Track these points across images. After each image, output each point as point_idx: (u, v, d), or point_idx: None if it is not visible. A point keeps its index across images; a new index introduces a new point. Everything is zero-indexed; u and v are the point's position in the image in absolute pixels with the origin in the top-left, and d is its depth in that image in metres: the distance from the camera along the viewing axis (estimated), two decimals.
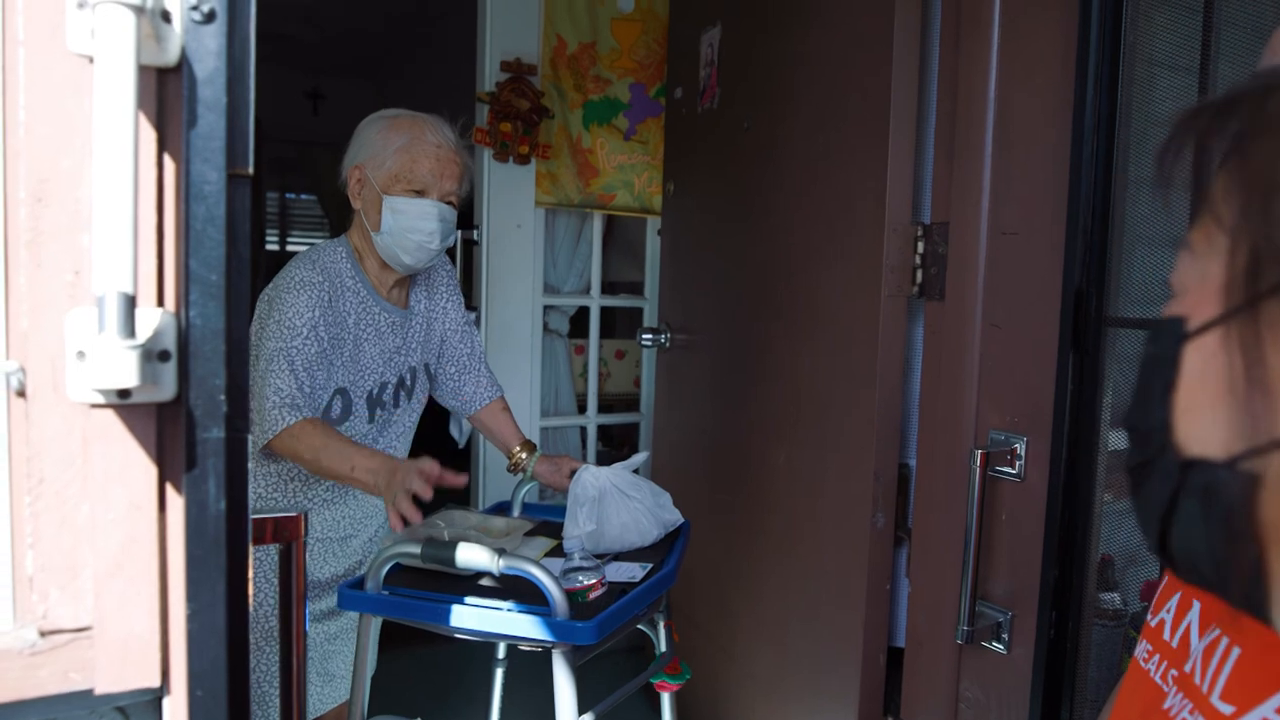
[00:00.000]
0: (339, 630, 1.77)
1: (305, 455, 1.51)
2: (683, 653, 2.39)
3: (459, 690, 2.90)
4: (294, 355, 1.54)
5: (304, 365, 1.55)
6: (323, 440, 1.50)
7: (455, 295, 1.89)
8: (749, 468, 2.12)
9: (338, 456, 1.49)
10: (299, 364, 1.54)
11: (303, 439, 1.51)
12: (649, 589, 1.46)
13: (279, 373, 1.52)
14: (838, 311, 1.78)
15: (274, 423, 1.51)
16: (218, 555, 0.63)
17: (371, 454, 1.49)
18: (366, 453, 1.50)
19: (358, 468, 1.47)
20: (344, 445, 1.51)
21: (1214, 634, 0.65)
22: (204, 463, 0.62)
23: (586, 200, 3.17)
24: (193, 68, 0.61)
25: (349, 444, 1.52)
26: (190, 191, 0.61)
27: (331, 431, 1.54)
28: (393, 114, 1.69)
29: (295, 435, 1.51)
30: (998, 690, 1.48)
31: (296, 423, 1.51)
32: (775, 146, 2.01)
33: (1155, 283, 1.35)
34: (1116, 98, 1.30)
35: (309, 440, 1.50)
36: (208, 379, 0.62)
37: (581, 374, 3.49)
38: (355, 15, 5.19)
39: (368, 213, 1.67)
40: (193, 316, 0.61)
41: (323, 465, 1.50)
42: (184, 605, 0.63)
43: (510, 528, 1.66)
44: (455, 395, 1.91)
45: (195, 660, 0.64)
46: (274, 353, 1.54)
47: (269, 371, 1.53)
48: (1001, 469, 1.45)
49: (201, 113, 0.61)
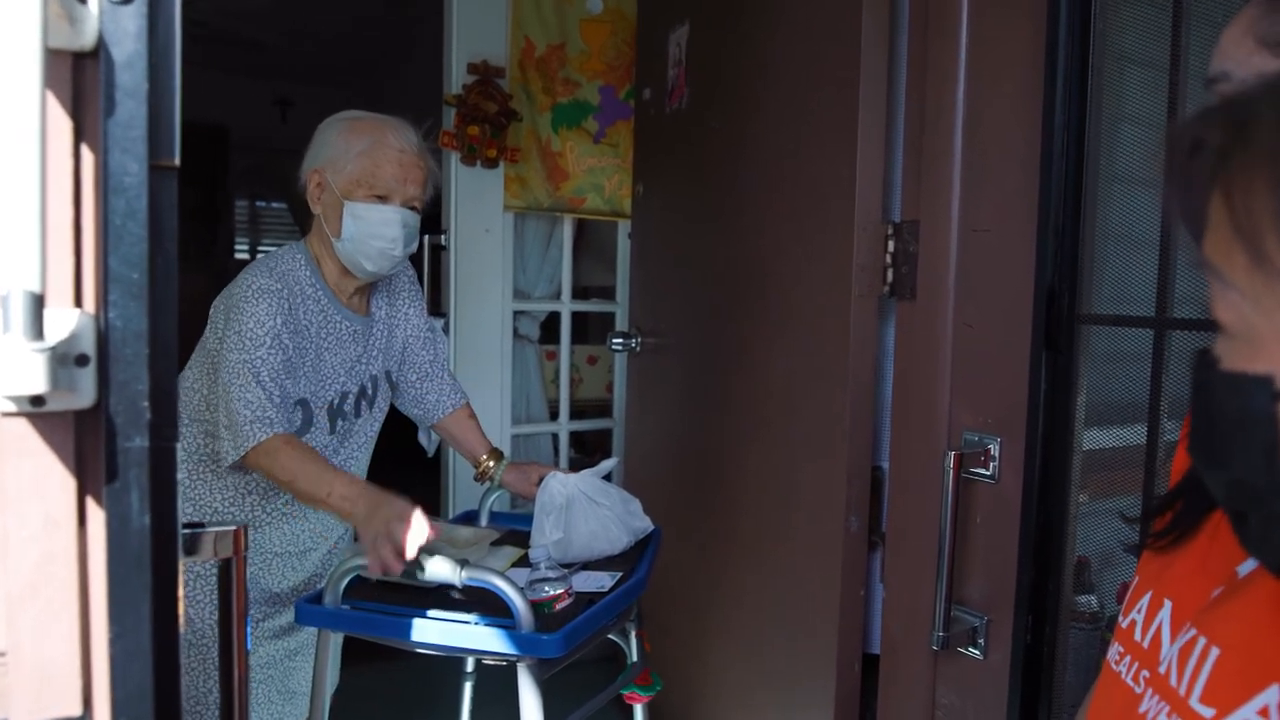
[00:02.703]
0: (299, 646, 1.72)
1: (280, 476, 1.45)
2: (656, 662, 2.35)
3: (426, 706, 2.85)
4: (259, 366, 1.48)
5: (270, 375, 1.49)
6: (299, 463, 1.45)
7: (417, 301, 1.85)
8: (721, 473, 2.09)
9: (315, 480, 1.43)
10: (265, 375, 1.49)
11: (278, 457, 1.45)
12: (618, 598, 1.43)
13: (246, 385, 1.47)
14: (809, 312, 1.76)
15: (246, 438, 1.45)
16: (142, 573, 0.59)
17: (351, 480, 1.44)
18: (345, 479, 1.44)
19: (335, 494, 1.41)
20: (322, 469, 1.45)
21: (1189, 634, 0.63)
22: (126, 474, 0.58)
23: (556, 204, 3.14)
24: (110, 52, 0.57)
25: (326, 467, 1.46)
26: (109, 184, 0.57)
27: (307, 451, 1.48)
28: (354, 116, 1.64)
29: (269, 452, 1.45)
30: (975, 697, 1.45)
31: (269, 438, 1.46)
32: (744, 146, 1.99)
33: (1127, 280, 1.33)
34: (1086, 93, 1.29)
35: (284, 460, 1.45)
36: (130, 384, 0.58)
37: (553, 380, 3.45)
38: (323, 21, 5.14)
39: (328, 218, 1.61)
40: (113, 318, 0.57)
41: (298, 488, 1.44)
42: (107, 627, 0.59)
43: (477, 537, 1.62)
44: (418, 403, 1.86)
45: (120, 686, 0.59)
46: (237, 365, 1.48)
47: (234, 384, 1.47)
48: (975, 470, 1.43)
49: (120, 100, 0.57)
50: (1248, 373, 0.45)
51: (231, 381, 1.48)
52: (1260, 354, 0.45)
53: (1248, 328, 0.45)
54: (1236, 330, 0.46)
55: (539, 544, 1.54)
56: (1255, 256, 0.43)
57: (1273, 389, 0.44)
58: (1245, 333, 0.46)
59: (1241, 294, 0.45)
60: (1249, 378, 0.45)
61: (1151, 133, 1.30)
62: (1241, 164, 0.43)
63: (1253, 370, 0.45)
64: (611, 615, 1.42)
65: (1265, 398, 0.44)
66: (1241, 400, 0.45)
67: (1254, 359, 0.45)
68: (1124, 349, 1.35)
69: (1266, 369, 0.44)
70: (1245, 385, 0.45)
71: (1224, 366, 0.47)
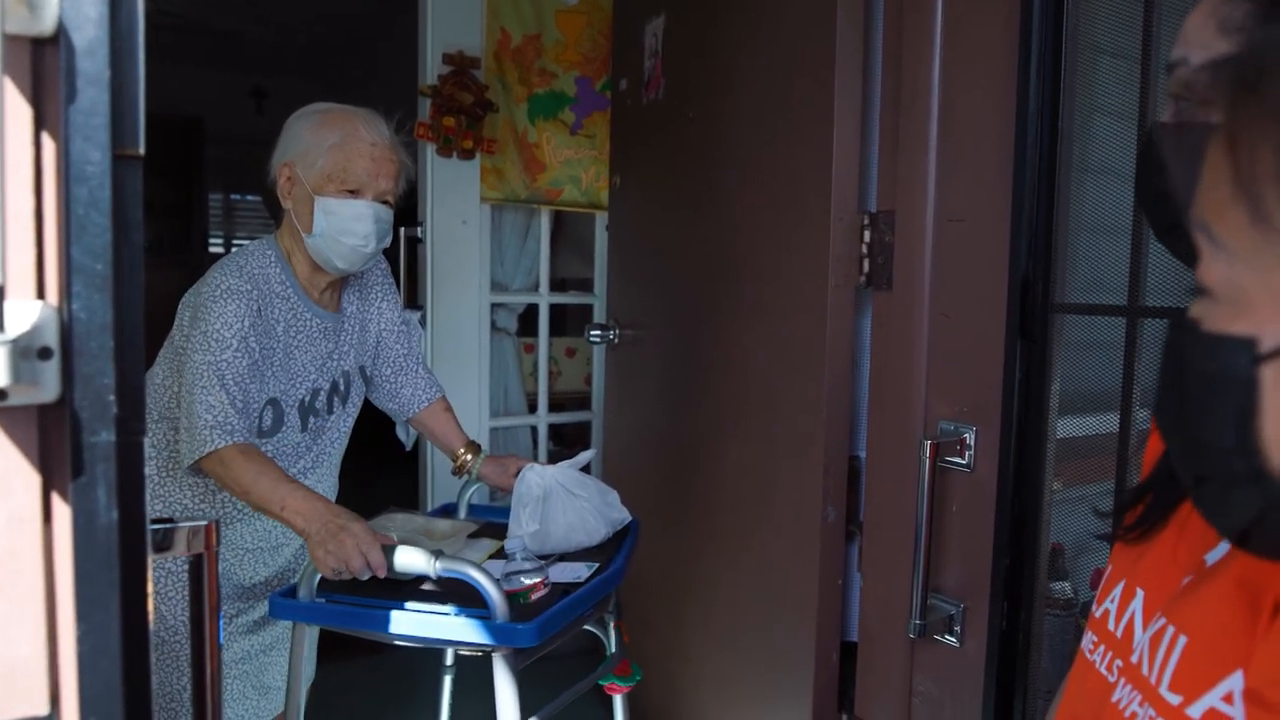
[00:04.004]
0: (274, 640, 1.71)
1: (233, 486, 1.43)
2: (636, 653, 2.36)
3: (406, 700, 2.84)
4: (224, 369, 1.46)
5: (235, 379, 1.47)
6: (253, 475, 1.41)
7: (391, 295, 1.83)
8: (700, 464, 2.09)
9: (269, 492, 1.40)
10: (230, 378, 1.46)
11: (232, 467, 1.42)
12: (594, 589, 1.42)
13: (209, 388, 1.44)
14: (785, 303, 1.76)
15: (203, 443, 1.43)
16: (110, 570, 0.58)
17: (306, 495, 1.40)
18: (301, 494, 1.40)
19: (288, 508, 1.38)
20: (276, 481, 1.41)
21: (1159, 623, 0.64)
22: (93, 469, 0.57)
23: (533, 196, 3.13)
24: (71, 37, 0.55)
25: (281, 479, 1.42)
26: (71, 173, 0.56)
27: (264, 462, 1.45)
28: (324, 108, 1.62)
29: (224, 461, 1.42)
30: (951, 684, 1.46)
31: (226, 447, 1.43)
32: (720, 137, 1.98)
33: (1100, 269, 1.34)
34: (1060, 82, 1.30)
35: (237, 471, 1.42)
36: (95, 378, 0.57)
37: (531, 373, 3.44)
38: (298, 10, 5.08)
39: (298, 213, 1.59)
40: (76, 310, 0.56)
41: (252, 499, 1.41)
42: (74, 625, 0.58)
43: (454, 530, 1.61)
44: (393, 398, 1.84)
45: (88, 685, 0.58)
46: (202, 366, 1.46)
47: (197, 386, 1.45)
48: (951, 459, 1.44)
49: (82, 87, 0.56)
50: (1229, 334, 0.45)
51: (195, 383, 1.45)
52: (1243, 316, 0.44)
53: (1234, 289, 0.45)
54: (1221, 292, 0.46)
55: (516, 535, 1.54)
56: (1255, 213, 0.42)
57: (1254, 351, 0.43)
58: (1231, 295, 0.45)
59: (1231, 254, 0.44)
60: (1230, 339, 0.45)
61: (1124, 123, 1.31)
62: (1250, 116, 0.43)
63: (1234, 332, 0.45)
64: (587, 606, 1.41)
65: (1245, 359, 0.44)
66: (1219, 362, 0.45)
67: (1235, 321, 0.45)
68: (1097, 338, 1.36)
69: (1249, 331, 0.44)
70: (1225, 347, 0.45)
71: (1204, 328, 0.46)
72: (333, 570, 1.32)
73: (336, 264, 1.60)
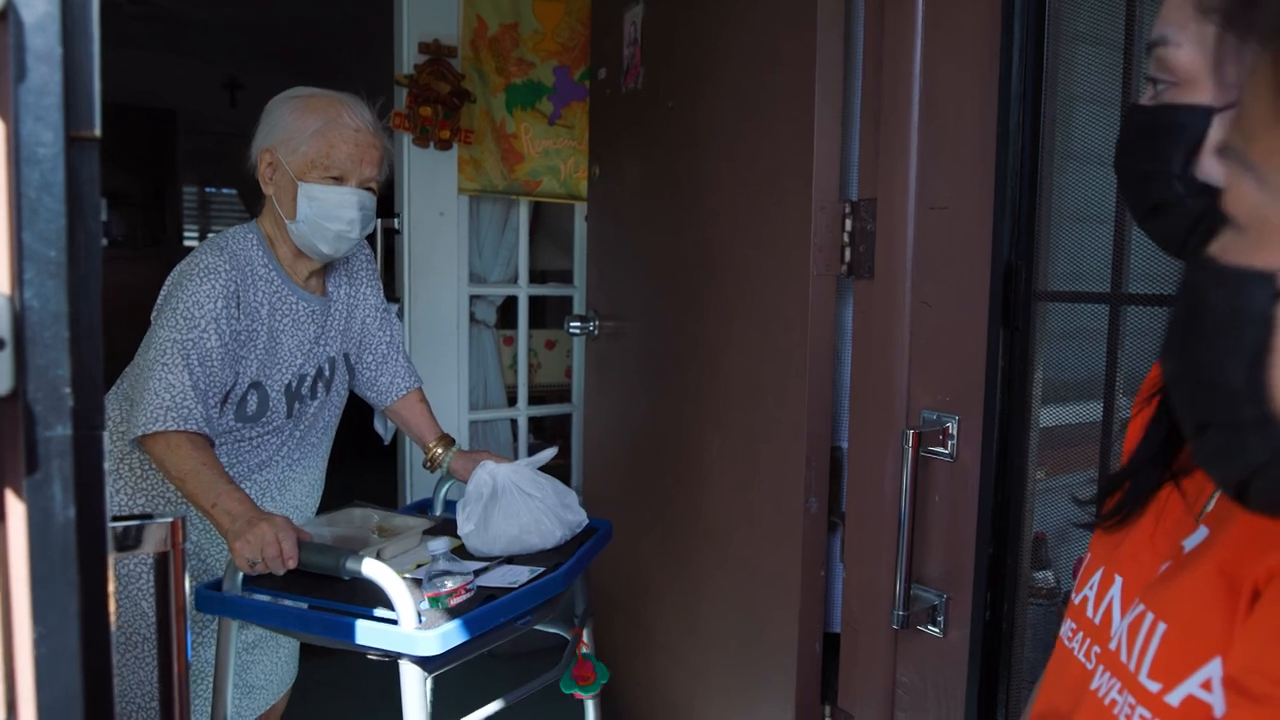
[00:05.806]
0: (257, 639, 1.68)
1: (170, 472, 1.40)
2: (619, 648, 2.34)
3: (388, 699, 2.80)
4: (189, 348, 1.43)
5: (200, 359, 1.44)
6: (195, 465, 1.38)
7: (374, 282, 1.81)
8: (681, 455, 2.08)
9: (205, 487, 1.37)
10: (194, 358, 1.43)
11: (176, 453, 1.39)
12: (527, 594, 1.37)
13: (172, 366, 1.42)
14: (766, 293, 1.74)
15: (153, 421, 1.39)
16: (67, 570, 0.55)
17: (241, 499, 1.38)
18: (236, 496, 1.38)
19: (219, 506, 1.36)
20: (215, 479, 1.38)
21: (1138, 610, 0.64)
22: (47, 465, 0.55)
23: (511, 187, 3.10)
24: (19, 13, 0.53)
25: (221, 478, 1.39)
26: (21, 155, 0.53)
27: (208, 456, 1.42)
28: (306, 93, 1.59)
29: (171, 446, 1.40)
30: (935, 674, 1.46)
31: (177, 432, 1.40)
32: (700, 125, 1.97)
33: (1083, 256, 1.33)
34: (1042, 70, 1.29)
35: (180, 458, 1.39)
36: (49, 370, 0.54)
37: (511, 365, 3.42)
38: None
39: (281, 200, 1.57)
40: (29, 298, 0.53)
41: (187, 489, 1.39)
42: (30, 628, 0.55)
43: (405, 526, 1.57)
44: (371, 386, 1.82)
45: (46, 690, 0.56)
46: (167, 343, 1.43)
47: (159, 363, 1.42)
48: (934, 449, 1.43)
49: (32, 64, 0.53)
50: (1249, 267, 0.43)
51: (158, 359, 1.42)
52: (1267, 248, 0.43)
53: (1260, 220, 0.43)
54: (1245, 221, 0.44)
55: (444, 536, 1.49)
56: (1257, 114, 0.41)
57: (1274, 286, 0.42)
58: (1256, 225, 0.43)
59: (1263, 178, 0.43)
60: (1250, 272, 0.43)
61: (1106, 110, 1.30)
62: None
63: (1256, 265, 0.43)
64: (518, 611, 1.35)
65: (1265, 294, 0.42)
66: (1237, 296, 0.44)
67: (1259, 253, 0.43)
68: (1080, 325, 1.35)
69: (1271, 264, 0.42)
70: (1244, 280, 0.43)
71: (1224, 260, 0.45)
72: (248, 561, 1.31)
73: (321, 250, 1.58)
